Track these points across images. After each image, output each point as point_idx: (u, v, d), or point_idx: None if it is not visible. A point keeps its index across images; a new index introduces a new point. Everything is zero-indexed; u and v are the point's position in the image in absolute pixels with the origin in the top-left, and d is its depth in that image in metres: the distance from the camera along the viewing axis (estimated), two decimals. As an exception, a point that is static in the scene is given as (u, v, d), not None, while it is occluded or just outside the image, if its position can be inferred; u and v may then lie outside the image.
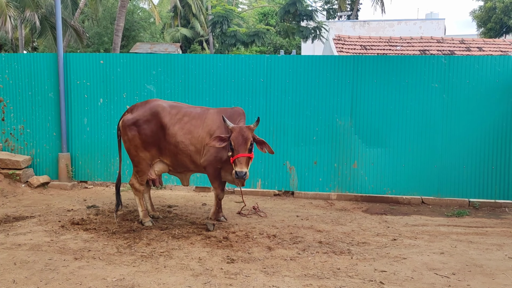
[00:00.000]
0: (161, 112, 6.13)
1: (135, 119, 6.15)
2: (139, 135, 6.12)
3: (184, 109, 6.25)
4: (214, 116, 6.12)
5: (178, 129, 6.06)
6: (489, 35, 30.53)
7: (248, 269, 4.75)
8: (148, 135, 6.11)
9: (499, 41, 18.22)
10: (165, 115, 6.12)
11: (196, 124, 6.10)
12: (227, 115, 5.92)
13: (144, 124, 6.11)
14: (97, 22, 25.89)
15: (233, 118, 5.95)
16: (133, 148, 6.19)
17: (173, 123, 6.09)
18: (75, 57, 8.66)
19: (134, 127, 6.15)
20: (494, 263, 5.13)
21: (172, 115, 6.13)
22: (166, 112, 6.14)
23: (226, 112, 6.05)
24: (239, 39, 17.24)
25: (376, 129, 8.06)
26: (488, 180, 7.88)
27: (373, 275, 4.69)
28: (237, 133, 5.59)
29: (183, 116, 6.15)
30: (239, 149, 5.53)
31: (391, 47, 16.95)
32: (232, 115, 6.01)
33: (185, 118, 6.13)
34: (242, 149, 5.53)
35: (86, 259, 4.93)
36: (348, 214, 7.29)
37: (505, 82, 7.77)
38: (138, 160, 6.21)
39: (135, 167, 6.28)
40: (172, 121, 6.10)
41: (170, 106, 6.25)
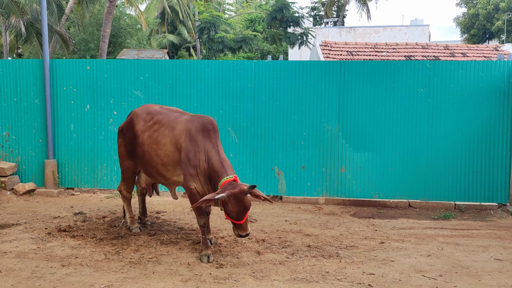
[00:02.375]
0: (134, 119, 5.83)
1: (121, 127, 6.10)
2: (123, 143, 5.98)
3: (159, 115, 5.66)
4: (184, 125, 5.32)
5: (146, 137, 5.59)
6: (472, 41, 31.07)
7: (237, 274, 4.75)
8: (127, 143, 5.90)
9: (482, 47, 18.53)
10: (138, 121, 5.76)
11: (164, 133, 5.45)
12: (194, 128, 5.21)
13: (126, 132, 5.94)
14: (84, 29, 25.75)
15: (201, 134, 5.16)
16: (120, 156, 6.10)
17: (143, 130, 5.66)
18: (61, 63, 8.60)
19: (120, 135, 6.07)
20: (480, 264, 5.20)
21: (145, 122, 5.71)
22: (140, 118, 5.77)
23: (194, 123, 5.27)
24: (227, 45, 17.26)
25: (363, 133, 8.14)
26: (473, 183, 7.99)
27: (362, 278, 4.73)
28: (236, 204, 4.64)
29: (154, 123, 5.62)
30: (240, 218, 4.72)
31: (377, 53, 17.14)
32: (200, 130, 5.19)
33: (155, 126, 5.59)
34: (243, 217, 4.72)
35: (74, 266, 4.89)
36: (336, 218, 7.33)
37: (488, 86, 7.91)
38: (124, 168, 6.10)
39: (122, 175, 6.18)
40: (143, 129, 5.67)
41: (146, 112, 5.79)
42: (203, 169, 5.12)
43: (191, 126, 5.27)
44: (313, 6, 34.86)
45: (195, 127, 5.24)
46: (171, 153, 5.34)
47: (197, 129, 5.22)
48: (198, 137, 5.18)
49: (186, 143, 5.21)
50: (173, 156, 5.33)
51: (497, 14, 29.69)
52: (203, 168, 5.12)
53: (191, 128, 5.25)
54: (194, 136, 5.20)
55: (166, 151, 5.38)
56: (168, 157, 5.37)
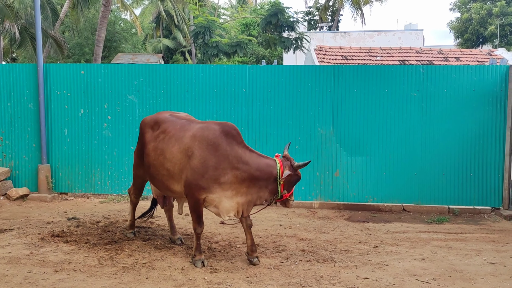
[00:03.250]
0: (143, 128, 5.64)
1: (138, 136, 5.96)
2: (136, 152, 5.87)
3: (165, 124, 5.39)
4: (196, 132, 5.05)
5: (152, 148, 5.33)
6: (466, 45, 31.28)
7: (231, 279, 4.74)
8: (137, 152, 5.79)
9: (475, 51, 18.67)
10: (147, 131, 5.54)
11: (170, 142, 5.14)
12: (212, 135, 4.97)
13: (138, 141, 5.83)
14: (78, 33, 25.70)
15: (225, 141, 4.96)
16: (134, 163, 5.96)
17: (149, 140, 5.42)
18: (55, 67, 8.58)
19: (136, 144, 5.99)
20: (474, 268, 5.22)
21: (153, 131, 5.46)
22: (148, 127, 5.55)
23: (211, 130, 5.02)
24: (221, 50, 17.31)
25: (357, 137, 8.16)
26: (467, 187, 8.03)
27: (356, 282, 4.73)
28: (296, 177, 5.13)
29: (160, 133, 5.32)
30: (290, 189, 5.14)
31: (371, 57, 17.22)
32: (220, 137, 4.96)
33: (161, 136, 5.28)
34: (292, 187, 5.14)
35: (67, 271, 4.86)
36: (330, 222, 7.33)
37: (481, 91, 7.96)
38: (134, 175, 5.99)
39: (133, 180, 6.09)
40: (150, 139, 5.43)
41: (154, 120, 5.54)
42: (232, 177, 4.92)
43: (207, 133, 4.96)
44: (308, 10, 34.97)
45: (213, 134, 4.95)
46: (178, 162, 5.01)
47: (216, 136, 4.93)
48: (220, 145, 4.91)
49: (201, 151, 4.90)
50: (180, 165, 5.01)
51: (490, 19, 29.92)
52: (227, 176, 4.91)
53: (208, 135, 4.95)
54: (213, 143, 4.91)
55: (174, 161, 5.05)
56: (175, 167, 5.04)
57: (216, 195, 4.95)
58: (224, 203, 4.99)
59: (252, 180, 4.97)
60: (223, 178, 4.89)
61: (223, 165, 4.88)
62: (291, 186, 5.11)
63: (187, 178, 4.93)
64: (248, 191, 5.01)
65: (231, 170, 4.90)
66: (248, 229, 5.25)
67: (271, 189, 5.05)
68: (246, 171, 4.92)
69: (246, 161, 4.94)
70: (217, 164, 4.87)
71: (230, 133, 4.99)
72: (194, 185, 4.90)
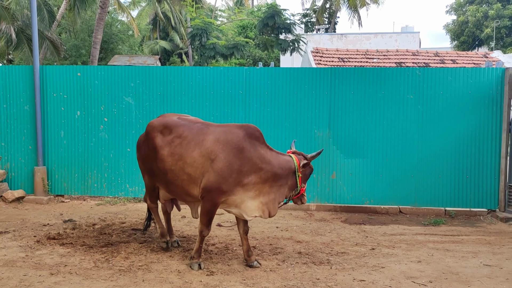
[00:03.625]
0: (151, 132, 5.38)
1: (138, 141, 5.78)
2: (141, 157, 5.69)
3: (179, 128, 5.25)
4: (219, 136, 5.01)
5: (167, 154, 5.15)
6: (462, 48, 31.40)
7: (228, 281, 4.73)
8: (144, 158, 5.58)
9: (471, 54, 18.73)
10: (155, 135, 5.31)
11: (189, 146, 5.06)
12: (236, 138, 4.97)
13: (142, 146, 5.60)
14: (75, 35, 25.64)
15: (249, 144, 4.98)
16: (141, 169, 5.81)
17: (162, 145, 5.22)
18: (52, 69, 8.57)
19: (138, 149, 5.77)
20: (470, 270, 5.23)
21: (164, 136, 5.27)
22: (157, 131, 5.33)
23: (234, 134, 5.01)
24: (218, 52, 17.29)
25: (354, 140, 8.17)
26: (463, 189, 8.05)
27: (352, 284, 4.73)
28: (310, 169, 5.29)
29: (174, 137, 5.19)
30: (305, 182, 5.29)
31: (368, 59, 17.26)
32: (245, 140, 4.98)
33: (176, 140, 5.15)
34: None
35: (63, 274, 4.84)
36: (327, 224, 7.33)
37: (477, 93, 7.99)
38: (145, 181, 5.80)
39: (146, 186, 5.85)
40: (162, 144, 5.23)
41: (163, 124, 5.34)
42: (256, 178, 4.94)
43: (231, 137, 4.96)
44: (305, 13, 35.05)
45: (237, 137, 4.95)
46: (200, 166, 4.95)
47: (240, 139, 4.94)
48: (244, 147, 4.92)
49: (225, 154, 4.88)
50: (201, 169, 4.95)
51: (486, 21, 30.05)
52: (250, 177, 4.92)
53: (232, 139, 4.94)
54: (237, 146, 4.91)
55: (196, 165, 4.97)
56: (197, 171, 4.97)
57: (238, 197, 4.97)
58: (246, 203, 5.01)
59: (275, 179, 5.06)
60: (246, 179, 4.92)
61: (246, 167, 4.91)
62: (306, 178, 5.29)
63: (209, 181, 4.88)
64: (270, 189, 5.07)
65: (254, 171, 4.94)
66: (244, 235, 5.26)
67: (291, 184, 5.16)
68: (270, 170, 5.00)
69: (269, 160, 5.03)
70: (241, 167, 4.89)
71: (254, 135, 5.03)
72: (215, 188, 4.87)
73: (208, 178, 4.89)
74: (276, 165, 5.04)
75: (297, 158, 5.18)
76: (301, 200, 5.34)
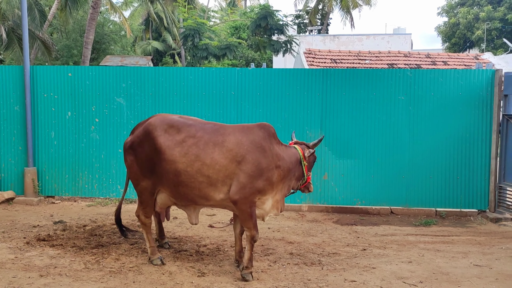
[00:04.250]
0: (153, 131, 5.01)
1: (131, 142, 5.21)
2: (136, 160, 5.13)
3: (189, 127, 5.02)
4: (239, 136, 4.94)
5: (178, 154, 4.87)
6: (453, 49, 31.62)
7: (219, 282, 4.72)
8: (143, 160, 5.08)
9: (463, 56, 18.89)
10: (159, 134, 4.97)
11: (207, 147, 4.87)
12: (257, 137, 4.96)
13: (140, 147, 5.10)
14: (66, 35, 25.48)
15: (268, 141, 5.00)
16: (133, 176, 5.23)
17: (170, 146, 4.91)
18: (42, 69, 8.50)
19: (131, 151, 5.19)
20: (460, 270, 5.26)
21: (171, 135, 4.97)
22: (161, 131, 4.99)
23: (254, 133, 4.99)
24: (211, 52, 17.28)
25: (345, 141, 8.19)
26: (454, 190, 8.10)
27: (343, 285, 4.74)
28: (314, 157, 5.45)
29: (186, 137, 4.94)
30: (310, 170, 5.43)
31: (360, 61, 17.33)
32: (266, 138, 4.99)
33: (189, 140, 4.91)
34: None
35: (52, 276, 4.80)
36: (319, 225, 7.35)
37: (468, 95, 8.04)
38: (140, 189, 5.23)
39: (138, 197, 5.32)
40: (169, 143, 4.92)
41: (168, 123, 5.05)
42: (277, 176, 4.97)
43: (253, 137, 4.93)
44: (297, 14, 35.13)
45: (258, 136, 4.95)
46: (224, 169, 4.81)
47: (262, 138, 4.95)
48: (266, 146, 4.93)
49: (252, 154, 4.84)
50: (225, 171, 4.82)
51: (477, 23, 30.29)
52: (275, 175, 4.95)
53: (255, 139, 4.92)
54: (260, 145, 4.91)
55: (218, 168, 4.81)
56: (220, 173, 4.82)
57: (266, 196, 4.96)
58: (268, 202, 5.03)
59: (287, 174, 5.12)
60: (272, 178, 4.94)
61: (271, 166, 4.93)
62: (311, 167, 5.42)
63: (240, 183, 4.80)
64: (283, 186, 5.13)
65: (275, 169, 4.96)
66: (240, 236, 5.26)
67: (298, 175, 5.26)
68: (285, 167, 5.06)
69: (283, 157, 5.07)
70: (268, 165, 4.89)
71: (271, 133, 5.07)
72: (249, 188, 4.81)
73: (238, 180, 4.80)
74: (288, 160, 5.12)
75: (300, 148, 5.29)
76: (308, 189, 5.46)
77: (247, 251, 4.90)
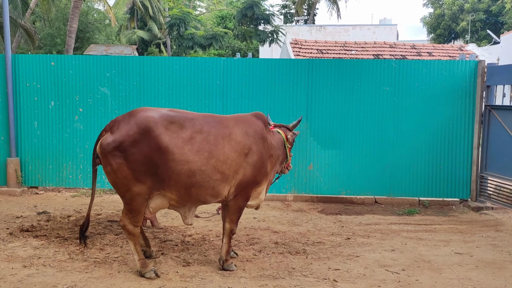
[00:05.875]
0: (154, 129, 4.41)
1: (117, 142, 4.41)
2: (127, 163, 4.40)
3: (192, 122, 4.61)
4: (242, 127, 4.81)
5: (190, 153, 4.46)
6: (438, 40, 31.87)
7: (204, 272, 4.74)
8: (139, 161, 4.40)
9: (447, 47, 19.05)
10: (162, 132, 4.42)
11: (218, 142, 4.58)
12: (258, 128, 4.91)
13: (131, 148, 4.39)
14: (49, 23, 25.04)
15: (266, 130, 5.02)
16: (122, 182, 4.47)
17: (178, 144, 4.44)
18: (24, 58, 8.36)
19: (118, 153, 4.40)
20: (442, 258, 5.36)
21: (175, 132, 4.48)
22: (162, 128, 4.44)
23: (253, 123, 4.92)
24: (197, 42, 17.18)
25: (330, 131, 8.24)
26: (437, 180, 8.21)
27: (327, 273, 4.80)
28: (295, 135, 5.51)
29: (194, 133, 4.53)
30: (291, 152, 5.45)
31: (346, 51, 17.37)
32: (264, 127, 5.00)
33: (197, 136, 4.52)
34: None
35: (36, 266, 4.77)
36: (304, 214, 7.40)
37: (451, 85, 8.13)
38: (131, 196, 4.50)
39: (127, 205, 4.59)
40: (177, 142, 4.44)
41: (167, 119, 4.52)
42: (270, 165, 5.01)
43: (255, 127, 4.87)
44: (284, 4, 35.02)
45: (260, 127, 4.91)
46: (234, 163, 4.64)
47: (262, 128, 4.93)
48: (265, 136, 4.93)
49: (257, 145, 4.79)
50: (236, 165, 4.66)
51: (461, 15, 30.56)
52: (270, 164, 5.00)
53: (257, 129, 4.86)
54: (261, 136, 4.89)
55: (230, 162, 4.61)
56: (231, 168, 4.64)
57: (262, 187, 4.98)
58: (263, 192, 5.05)
59: (276, 161, 5.17)
60: (268, 168, 4.96)
61: (268, 156, 4.94)
62: (291, 146, 5.45)
63: (246, 176, 4.71)
64: (271, 172, 5.13)
65: (269, 159, 4.98)
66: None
67: (282, 159, 5.27)
68: (275, 154, 5.13)
69: (274, 145, 5.10)
70: (266, 156, 4.89)
71: (266, 122, 5.07)
72: (251, 183, 4.77)
73: (244, 174, 4.70)
74: (277, 147, 5.16)
75: (283, 132, 5.34)
76: (287, 169, 5.50)
77: (225, 244, 4.85)
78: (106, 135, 4.52)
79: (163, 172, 4.43)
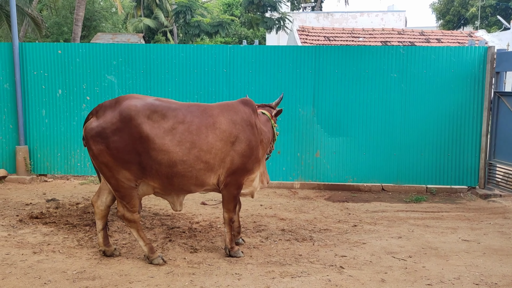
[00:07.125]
0: (135, 118, 4.38)
1: (100, 128, 4.40)
2: (108, 150, 4.40)
3: (176, 111, 4.55)
4: (228, 115, 4.75)
5: (172, 143, 4.43)
6: (447, 27, 31.48)
7: (211, 258, 4.78)
8: (120, 149, 4.39)
9: (456, 33, 18.81)
10: (143, 121, 4.39)
11: (201, 132, 4.55)
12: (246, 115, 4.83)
13: (113, 135, 4.38)
14: (56, 12, 25.06)
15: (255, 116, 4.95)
16: (105, 167, 4.49)
17: (159, 134, 4.41)
18: (32, 46, 8.38)
19: (99, 140, 4.40)
20: (448, 245, 5.35)
21: (156, 122, 4.44)
22: (144, 117, 4.41)
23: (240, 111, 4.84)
24: (203, 30, 17.12)
25: (337, 118, 8.21)
26: (444, 167, 8.17)
27: (334, 260, 4.82)
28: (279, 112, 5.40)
29: (176, 123, 4.49)
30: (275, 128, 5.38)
31: (354, 38, 17.22)
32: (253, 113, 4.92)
33: (179, 127, 4.48)
34: None
35: (46, 252, 4.83)
36: (311, 202, 7.41)
37: (460, 72, 8.05)
38: (117, 183, 4.50)
39: (116, 192, 4.57)
40: (158, 131, 4.41)
41: (150, 108, 4.46)
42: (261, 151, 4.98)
43: (242, 115, 4.80)
44: (291, -10, 34.66)
45: (247, 114, 4.83)
46: (220, 152, 4.62)
47: (249, 115, 4.84)
48: (253, 123, 4.84)
49: (244, 133, 4.74)
50: (221, 154, 4.63)
51: (471, 0, 30.10)
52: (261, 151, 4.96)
53: (244, 117, 4.79)
54: (249, 123, 4.81)
55: (215, 152, 4.59)
56: (217, 157, 4.61)
57: (254, 174, 4.95)
58: (256, 179, 5.02)
59: (267, 145, 5.14)
60: (259, 154, 4.92)
61: (258, 143, 4.89)
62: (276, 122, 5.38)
63: (234, 164, 4.70)
64: (263, 156, 5.10)
65: (260, 145, 4.94)
66: (237, 212, 5.19)
67: (270, 138, 5.22)
68: (265, 138, 5.06)
69: (264, 130, 5.05)
70: (257, 143, 4.85)
71: (254, 109, 4.97)
72: (240, 170, 4.75)
73: (232, 162, 4.68)
74: (266, 131, 5.12)
75: (268, 111, 5.30)
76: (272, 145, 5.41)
77: (227, 233, 4.87)
78: (92, 119, 4.53)
79: (145, 161, 4.44)
